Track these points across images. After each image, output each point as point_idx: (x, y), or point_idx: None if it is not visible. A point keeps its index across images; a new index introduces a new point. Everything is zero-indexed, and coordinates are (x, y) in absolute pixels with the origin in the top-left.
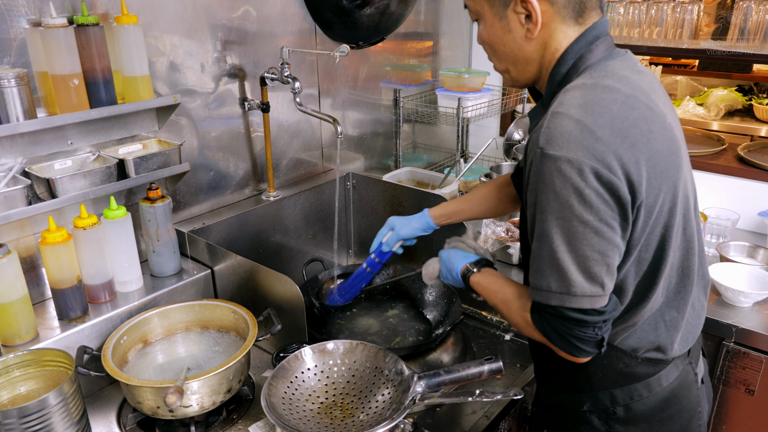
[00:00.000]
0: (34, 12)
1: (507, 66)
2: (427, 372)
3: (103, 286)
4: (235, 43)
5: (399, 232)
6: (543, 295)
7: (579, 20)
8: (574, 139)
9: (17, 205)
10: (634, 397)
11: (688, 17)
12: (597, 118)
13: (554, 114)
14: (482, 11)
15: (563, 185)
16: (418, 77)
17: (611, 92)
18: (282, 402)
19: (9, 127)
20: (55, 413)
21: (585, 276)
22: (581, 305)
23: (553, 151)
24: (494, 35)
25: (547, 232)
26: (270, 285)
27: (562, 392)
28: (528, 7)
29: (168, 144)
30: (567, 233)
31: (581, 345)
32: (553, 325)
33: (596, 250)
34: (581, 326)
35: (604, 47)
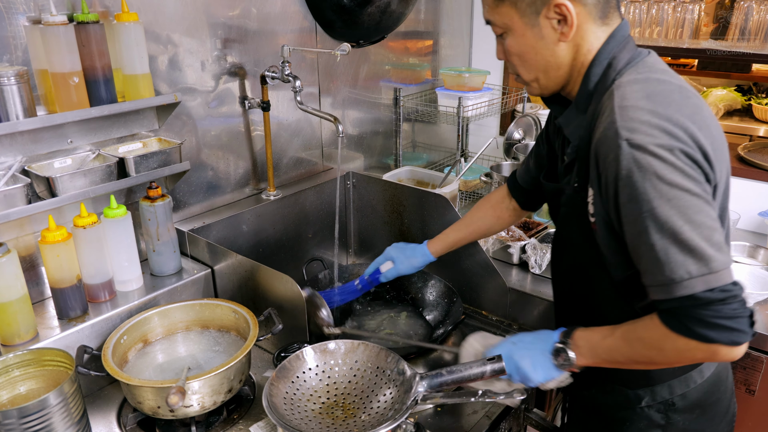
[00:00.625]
0: (34, 9)
1: (536, 75)
2: (429, 372)
3: (103, 286)
4: (235, 41)
5: (399, 268)
6: (684, 286)
7: (605, 20)
8: (656, 126)
9: (17, 203)
10: (690, 384)
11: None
12: (666, 107)
13: (624, 107)
14: (511, 23)
15: (664, 166)
16: (418, 76)
17: (665, 84)
18: (283, 402)
19: (8, 125)
20: (56, 413)
21: (715, 248)
22: (724, 280)
23: (641, 140)
24: (525, 44)
25: (663, 219)
26: (271, 284)
27: (615, 392)
28: (563, 11)
29: (168, 143)
30: (684, 210)
31: (738, 325)
32: (699, 317)
33: (712, 218)
34: (729, 303)
35: (631, 46)
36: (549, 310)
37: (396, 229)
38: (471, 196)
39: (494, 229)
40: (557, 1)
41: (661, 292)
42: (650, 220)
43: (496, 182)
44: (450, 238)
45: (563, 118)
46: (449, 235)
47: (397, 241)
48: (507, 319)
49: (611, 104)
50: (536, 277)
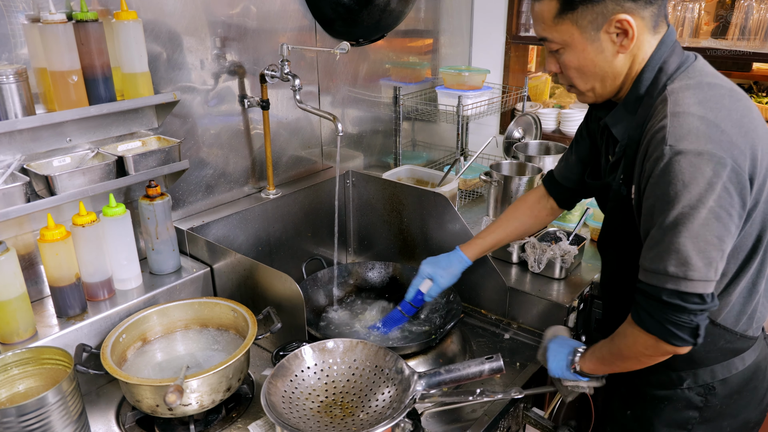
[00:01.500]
0: (33, 7)
1: (593, 85)
2: (427, 371)
3: (102, 284)
4: (234, 39)
5: (441, 283)
6: (657, 278)
7: (657, 29)
8: (703, 134)
9: (16, 202)
10: (731, 370)
11: (688, 15)
12: (716, 113)
13: (676, 114)
14: (570, 39)
15: (694, 176)
16: (418, 75)
17: (717, 88)
18: (282, 401)
19: (7, 123)
20: (54, 412)
21: (704, 261)
22: (695, 290)
23: (685, 146)
24: (585, 59)
25: (673, 220)
26: (269, 283)
27: (659, 372)
28: (624, 25)
29: (167, 141)
30: (694, 219)
31: (677, 331)
32: (650, 310)
33: (716, 236)
34: (679, 312)
35: (679, 51)
36: (548, 309)
37: (395, 227)
38: (470, 195)
39: (532, 230)
40: (620, 17)
41: (642, 273)
42: (661, 217)
43: (496, 181)
44: (488, 242)
45: (610, 117)
46: (486, 238)
47: (396, 240)
48: (506, 318)
49: (665, 109)
50: (535, 276)
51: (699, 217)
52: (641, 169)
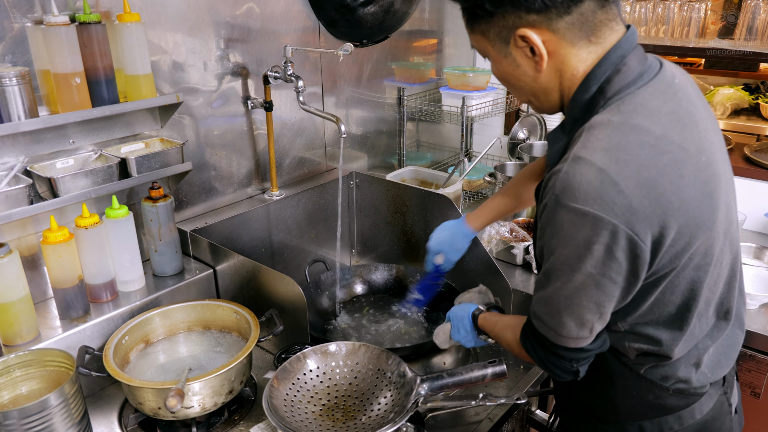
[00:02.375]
0: (36, 10)
1: (528, 97)
2: (429, 375)
3: (105, 286)
4: (238, 41)
5: (451, 258)
6: (536, 322)
7: (593, 39)
8: (593, 191)
9: (19, 204)
10: (664, 430)
11: (695, 15)
12: (621, 167)
13: (576, 159)
14: (486, 50)
15: (572, 237)
16: (422, 75)
17: (640, 134)
18: (284, 404)
19: (11, 125)
20: (56, 414)
21: (576, 322)
22: (566, 344)
23: (569, 202)
24: (504, 71)
25: (550, 273)
26: (272, 285)
27: (586, 421)
28: (529, 41)
29: (170, 143)
30: (568, 281)
31: (558, 372)
32: (535, 349)
33: (593, 301)
34: (559, 358)
35: (635, 63)
36: None
37: (399, 229)
38: (475, 196)
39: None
40: (521, 32)
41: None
42: (545, 265)
43: (500, 182)
44: (492, 213)
45: (550, 135)
46: (490, 209)
47: (400, 242)
48: None
49: (573, 148)
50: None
51: (575, 281)
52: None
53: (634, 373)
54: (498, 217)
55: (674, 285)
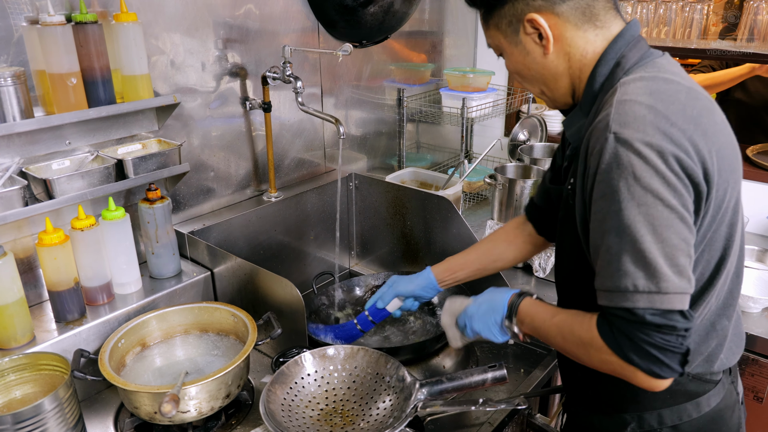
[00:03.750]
0: (32, 9)
1: (540, 88)
2: (429, 379)
3: (101, 288)
4: (236, 41)
5: (396, 287)
6: (627, 298)
7: (597, 23)
8: (650, 123)
9: (14, 206)
10: (683, 417)
11: (696, 17)
12: (668, 105)
13: (622, 102)
14: (500, 44)
15: (645, 168)
16: (422, 76)
17: (673, 84)
18: (281, 408)
19: (5, 126)
20: (51, 419)
21: (673, 269)
22: (672, 305)
23: (630, 135)
24: (517, 62)
25: (627, 222)
26: (270, 288)
27: (602, 412)
28: (536, 25)
29: (168, 144)
30: (652, 220)
31: (665, 358)
32: (630, 334)
33: (682, 238)
34: (665, 333)
35: (642, 46)
36: None
37: (399, 231)
38: (475, 198)
39: (509, 258)
40: (528, 16)
41: (605, 298)
42: (615, 221)
43: (501, 184)
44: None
45: (567, 119)
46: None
47: (399, 244)
48: None
49: (612, 99)
50: (540, 280)
51: (660, 216)
52: (584, 166)
53: None
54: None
55: (713, 240)
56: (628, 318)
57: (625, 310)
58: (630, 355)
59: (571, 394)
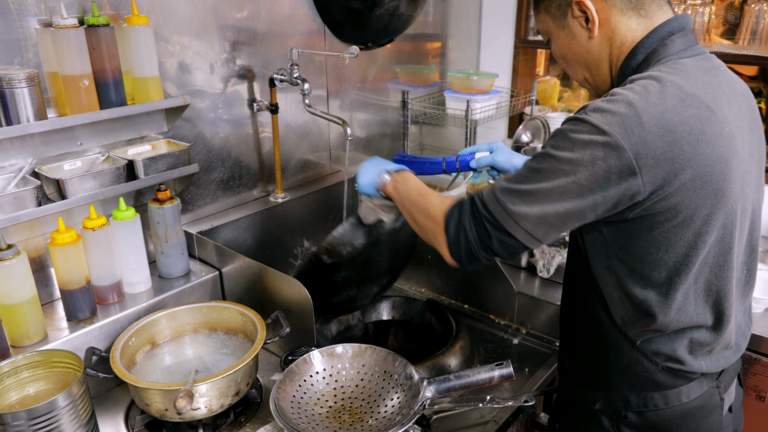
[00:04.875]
0: (45, 12)
1: (583, 74)
2: (436, 377)
3: (112, 288)
4: (244, 43)
5: (496, 158)
6: (492, 205)
7: (641, 12)
8: (618, 116)
9: (27, 205)
10: (648, 405)
11: (698, 19)
12: (648, 106)
13: (611, 94)
14: (548, 29)
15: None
16: (426, 79)
17: (673, 87)
18: (290, 406)
19: (19, 127)
20: (64, 415)
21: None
22: (516, 235)
23: (594, 119)
24: (563, 46)
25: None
26: (278, 287)
27: (577, 387)
28: (583, 8)
29: (177, 145)
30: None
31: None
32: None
33: (565, 209)
34: (489, 239)
35: (682, 43)
36: (557, 315)
37: None
38: None
39: None
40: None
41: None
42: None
43: None
44: None
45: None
46: None
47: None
48: (514, 323)
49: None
50: (544, 281)
51: (565, 184)
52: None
53: (629, 341)
54: None
55: (669, 241)
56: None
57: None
58: (454, 229)
59: (561, 367)
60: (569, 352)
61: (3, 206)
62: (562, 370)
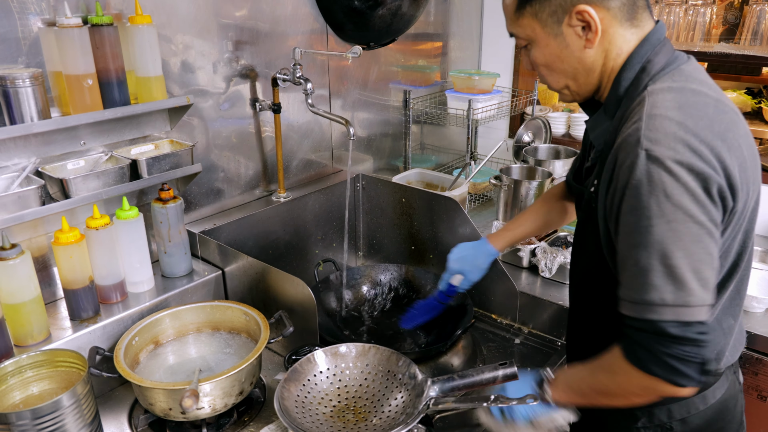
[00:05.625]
0: (49, 12)
1: (566, 82)
2: (440, 376)
3: (115, 287)
4: (246, 43)
5: (471, 278)
6: (653, 310)
7: (633, 22)
8: (680, 140)
9: (30, 205)
10: (691, 410)
11: (700, 20)
12: (697, 121)
13: (652, 116)
14: (533, 34)
15: (675, 186)
16: (427, 78)
17: (702, 96)
18: (295, 405)
19: (23, 127)
20: (69, 414)
21: (700, 282)
22: (695, 317)
23: (661, 153)
24: (551, 54)
25: (657, 238)
26: (281, 287)
27: (614, 411)
28: (585, 17)
29: (180, 144)
30: (681, 236)
31: (684, 368)
32: (650, 347)
33: (708, 252)
34: (683, 344)
35: (668, 50)
36: (559, 314)
37: (405, 231)
38: (480, 199)
39: (560, 223)
40: (579, 8)
41: (630, 308)
42: (644, 236)
43: (506, 185)
44: (517, 234)
45: (591, 122)
46: (515, 231)
47: (406, 244)
48: (516, 322)
49: (641, 111)
50: (546, 280)
51: (689, 232)
52: (610, 178)
53: None
54: (522, 238)
55: (730, 248)
56: (648, 330)
57: (649, 321)
58: (651, 367)
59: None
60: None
61: (7, 205)
62: None
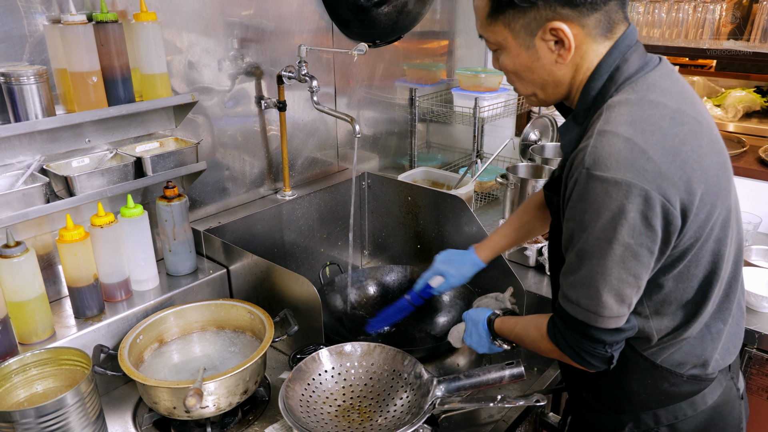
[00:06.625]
0: (54, 9)
1: (533, 90)
2: (446, 376)
3: (120, 285)
4: (252, 40)
5: (451, 282)
6: (571, 307)
7: (609, 35)
8: (624, 159)
9: (35, 203)
10: (678, 416)
11: (709, 17)
12: (647, 137)
13: (601, 133)
14: (504, 42)
15: (608, 208)
16: (433, 76)
17: (658, 108)
18: (299, 404)
19: (28, 124)
20: (73, 413)
21: (616, 299)
22: (606, 325)
23: (601, 172)
24: (521, 64)
25: (586, 250)
26: (286, 285)
27: (600, 413)
28: (559, 34)
29: (185, 142)
30: (606, 255)
31: (591, 360)
32: (565, 335)
33: (632, 274)
34: (595, 343)
35: (638, 55)
36: None
37: (411, 230)
38: (486, 198)
39: (542, 230)
40: (554, 24)
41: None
42: (578, 244)
43: (512, 183)
44: (500, 244)
45: (562, 127)
46: (498, 241)
47: (412, 243)
48: None
49: (595, 126)
50: None
51: (613, 253)
52: (565, 186)
53: (649, 362)
54: (505, 249)
55: (698, 258)
56: (565, 319)
57: (566, 312)
58: (564, 348)
59: (573, 394)
60: (583, 382)
61: (11, 203)
62: (577, 398)
